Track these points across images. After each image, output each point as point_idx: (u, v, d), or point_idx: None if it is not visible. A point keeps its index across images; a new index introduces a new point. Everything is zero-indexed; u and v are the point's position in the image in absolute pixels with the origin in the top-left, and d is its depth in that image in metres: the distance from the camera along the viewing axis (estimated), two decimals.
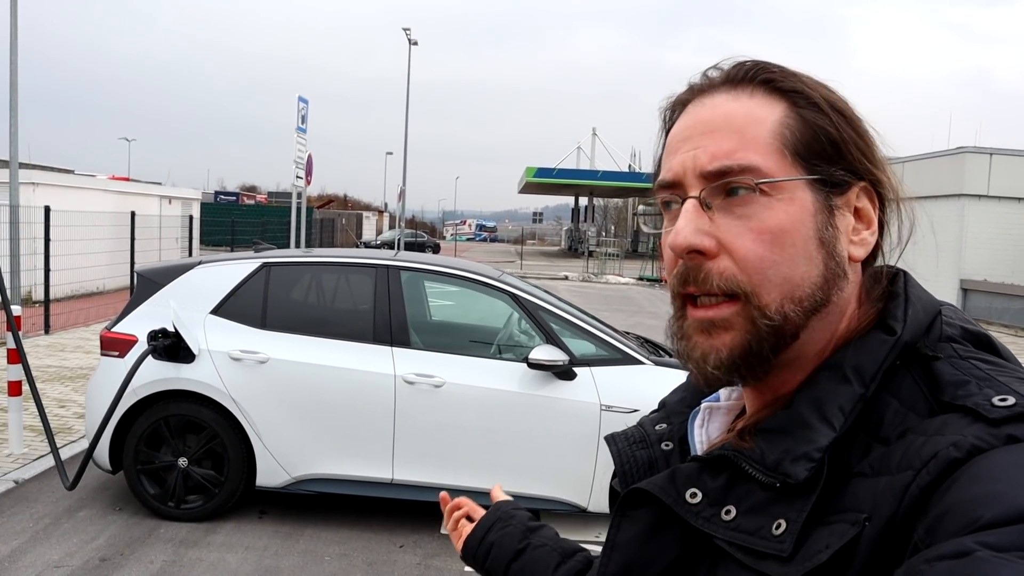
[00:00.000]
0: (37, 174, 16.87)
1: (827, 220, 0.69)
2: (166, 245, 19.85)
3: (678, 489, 0.71)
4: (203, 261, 5.42)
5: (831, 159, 0.69)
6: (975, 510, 0.52)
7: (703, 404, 0.83)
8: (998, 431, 0.57)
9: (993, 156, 20.58)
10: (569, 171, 47.54)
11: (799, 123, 0.69)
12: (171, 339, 4.85)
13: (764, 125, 0.69)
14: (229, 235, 22.40)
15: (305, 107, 13.63)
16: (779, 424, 0.67)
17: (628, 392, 4.77)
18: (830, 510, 0.61)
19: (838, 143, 0.69)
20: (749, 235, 0.67)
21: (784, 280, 0.67)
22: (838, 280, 0.69)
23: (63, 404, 7.65)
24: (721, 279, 0.68)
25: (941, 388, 0.63)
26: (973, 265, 20.46)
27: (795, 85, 0.70)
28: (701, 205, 0.69)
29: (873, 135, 0.72)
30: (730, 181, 0.68)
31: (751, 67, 0.72)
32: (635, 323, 14.75)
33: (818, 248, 0.68)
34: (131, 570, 4.31)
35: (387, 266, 5.23)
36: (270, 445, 4.86)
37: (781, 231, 0.67)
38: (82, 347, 10.76)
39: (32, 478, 5.65)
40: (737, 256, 0.67)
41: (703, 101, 0.73)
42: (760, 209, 0.67)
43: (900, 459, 0.59)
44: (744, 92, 0.71)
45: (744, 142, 0.69)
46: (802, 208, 0.68)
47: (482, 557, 1.12)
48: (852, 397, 0.65)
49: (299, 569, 4.43)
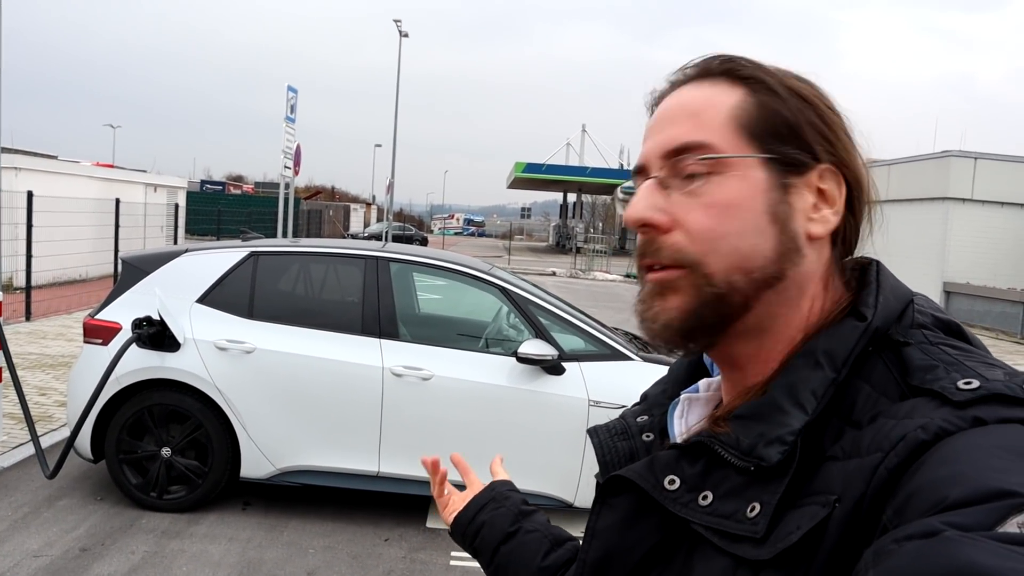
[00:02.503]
0: (20, 159, 16.65)
1: (781, 197, 0.71)
2: (151, 233, 19.67)
3: (656, 476, 0.72)
4: (190, 249, 5.36)
5: (785, 140, 0.71)
6: (942, 491, 0.53)
7: (683, 395, 0.85)
8: (964, 413, 0.59)
9: (978, 160, 20.78)
10: (558, 167, 47.59)
11: (754, 106, 0.72)
12: (156, 327, 4.79)
13: (720, 108, 0.73)
14: (215, 224, 22.26)
15: (294, 96, 13.53)
16: (753, 410, 0.69)
17: (616, 387, 4.76)
18: (803, 493, 0.63)
19: (793, 125, 0.72)
20: (700, 209, 0.71)
21: (732, 251, 0.70)
22: (791, 255, 0.71)
23: (44, 392, 7.56)
24: (671, 250, 0.71)
25: (911, 372, 0.65)
26: (956, 268, 20.65)
27: (755, 73, 0.74)
28: (659, 185, 0.73)
29: (845, 123, 0.75)
30: (687, 159, 0.71)
31: (720, 60, 0.76)
32: (623, 319, 14.74)
33: (770, 223, 0.70)
34: (112, 560, 4.26)
35: (376, 257, 5.19)
36: (255, 436, 4.81)
37: (729, 204, 0.70)
38: (64, 335, 10.65)
39: (11, 466, 5.57)
40: (689, 229, 0.71)
41: (675, 93, 0.77)
42: (712, 187, 0.71)
43: (870, 442, 0.61)
44: (707, 82, 0.75)
45: (699, 123, 0.72)
46: (753, 185, 0.70)
47: (471, 536, 1.11)
48: (824, 381, 0.67)
49: (283, 561, 4.39)
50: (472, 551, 1.11)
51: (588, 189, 54.90)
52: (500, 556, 1.06)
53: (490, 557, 1.07)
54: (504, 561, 1.06)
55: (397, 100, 32.44)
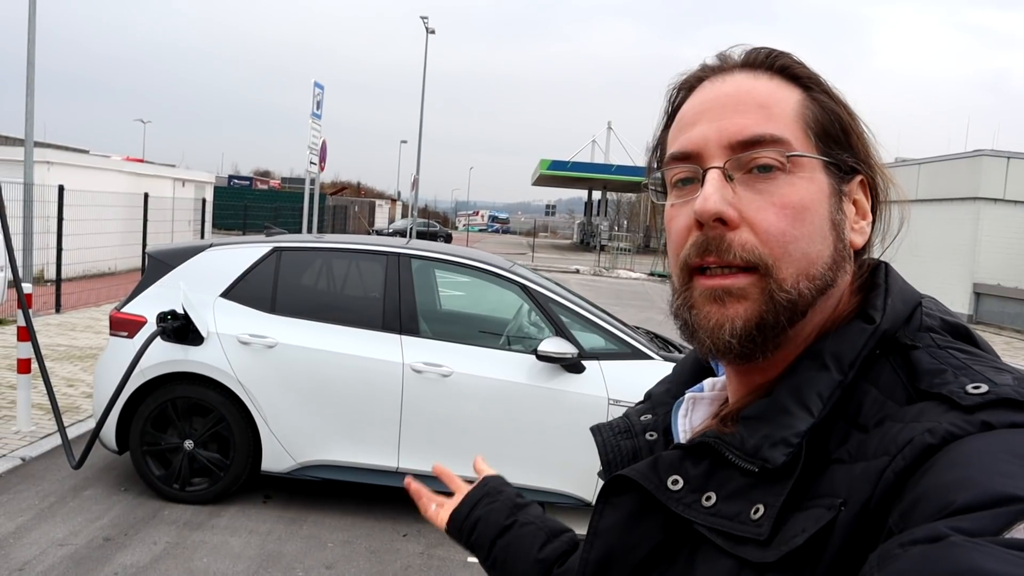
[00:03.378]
0: (52, 153, 16.95)
1: (838, 204, 0.71)
2: (178, 227, 19.91)
3: (660, 476, 0.72)
4: (214, 244, 5.41)
5: (843, 146, 0.71)
6: (949, 495, 0.52)
7: (687, 394, 0.84)
8: (972, 418, 0.58)
9: (1011, 160, 20.36)
10: (583, 164, 47.43)
11: (817, 108, 0.71)
12: (180, 321, 4.85)
13: (788, 104, 0.71)
14: (241, 219, 22.47)
15: (321, 93, 13.60)
16: (759, 411, 0.68)
17: (636, 386, 4.72)
18: (808, 495, 0.62)
19: (848, 132, 0.72)
20: (772, 208, 0.68)
21: (802, 256, 0.68)
22: (844, 263, 0.71)
23: (71, 383, 7.68)
24: (743, 250, 0.68)
25: (918, 376, 0.64)
26: (987, 269, 20.27)
27: (809, 73, 0.73)
28: (724, 176, 0.69)
29: (869, 134, 0.74)
30: (758, 153, 0.69)
31: (768, 53, 0.74)
32: (645, 318, 14.69)
33: (831, 229, 0.70)
34: (134, 550, 4.32)
35: (398, 254, 5.21)
36: (276, 430, 4.85)
37: (803, 207, 0.68)
38: (92, 327, 10.81)
39: (39, 456, 5.67)
40: (759, 229, 0.68)
41: (722, 79, 0.74)
42: (782, 185, 0.68)
43: (877, 445, 0.60)
44: (763, 75, 0.73)
45: (771, 116, 0.70)
46: (820, 188, 0.69)
47: (467, 532, 1.10)
48: (831, 384, 0.66)
49: (302, 555, 4.42)
50: (469, 546, 1.11)
51: (613, 187, 54.65)
52: (497, 549, 1.06)
53: (487, 551, 1.07)
54: (501, 554, 1.05)
55: (423, 96, 32.52)
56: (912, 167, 23.32)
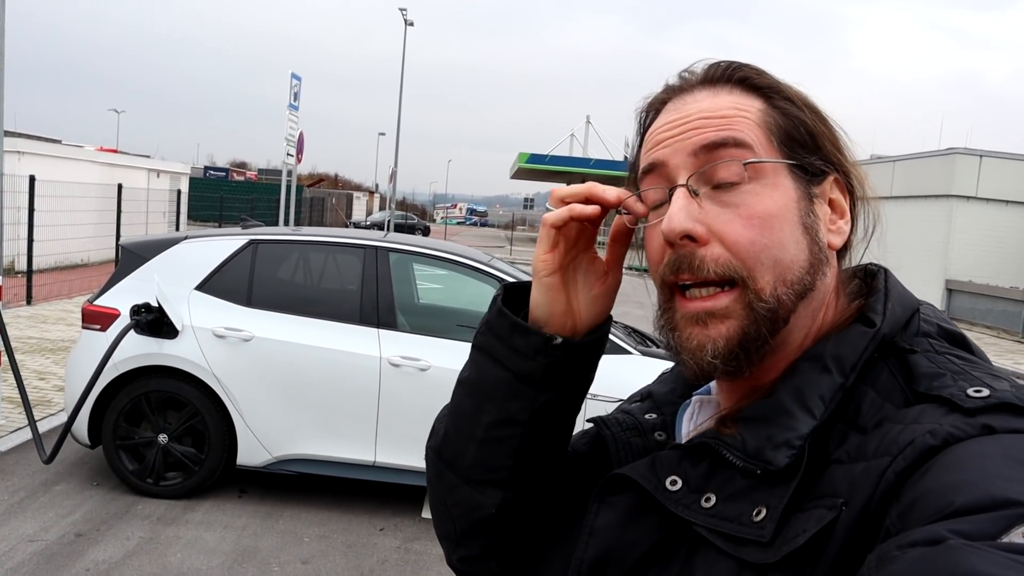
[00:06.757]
0: (23, 143, 16.63)
1: (808, 207, 0.71)
2: (153, 219, 19.68)
3: (659, 476, 0.71)
4: (189, 236, 5.35)
5: (809, 149, 0.72)
6: (948, 497, 0.52)
7: (694, 397, 0.83)
8: (974, 421, 0.58)
9: (983, 158, 20.67)
10: (562, 158, 47.43)
11: (778, 114, 0.72)
12: (154, 314, 4.79)
13: (748, 113, 0.72)
14: (217, 211, 22.26)
15: (298, 84, 13.49)
16: (761, 412, 0.68)
17: (614, 381, 4.68)
18: (808, 496, 0.63)
19: (815, 135, 0.72)
20: (739, 220, 0.68)
21: (775, 263, 0.68)
22: (821, 266, 0.71)
23: (43, 376, 7.57)
24: (716, 264, 0.68)
25: (916, 379, 0.65)
26: (959, 266, 20.57)
27: (769, 82, 0.74)
28: (689, 192, 0.70)
29: (840, 132, 0.75)
30: (722, 155, 0.69)
31: (726, 67, 0.75)
32: (623, 312, 14.73)
33: (803, 233, 0.70)
34: (107, 546, 4.27)
35: (376, 247, 5.18)
36: (252, 424, 4.81)
37: (769, 215, 0.69)
38: (64, 319, 10.66)
39: (9, 450, 5.58)
40: (728, 242, 0.68)
41: (684, 98, 0.74)
42: (747, 196, 0.69)
43: (877, 446, 0.61)
44: (723, 89, 0.73)
45: (733, 123, 0.71)
46: (786, 194, 0.70)
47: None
48: (833, 386, 0.66)
49: (277, 550, 4.39)
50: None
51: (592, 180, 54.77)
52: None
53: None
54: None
55: (401, 89, 32.33)
56: (887, 164, 23.59)
